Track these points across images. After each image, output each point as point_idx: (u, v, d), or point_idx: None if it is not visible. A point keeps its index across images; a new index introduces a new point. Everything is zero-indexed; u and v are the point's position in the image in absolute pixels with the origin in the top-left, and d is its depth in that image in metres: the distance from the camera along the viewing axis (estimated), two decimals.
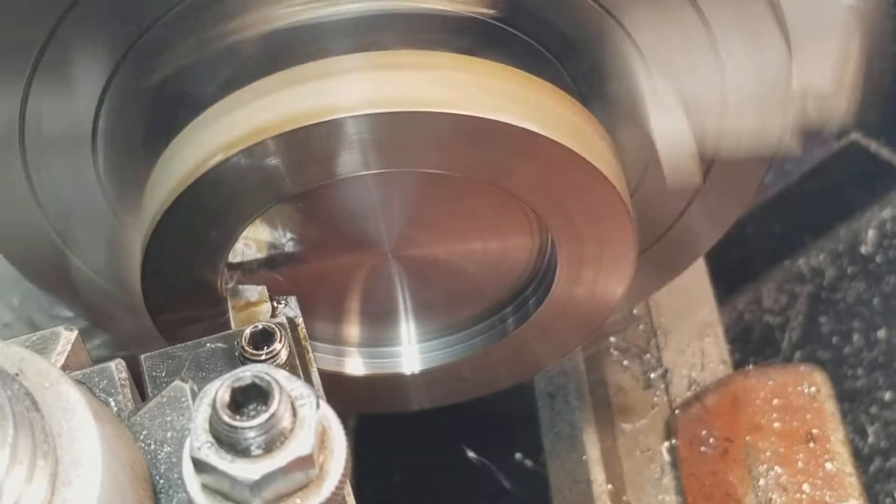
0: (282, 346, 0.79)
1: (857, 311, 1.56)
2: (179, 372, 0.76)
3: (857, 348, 1.53)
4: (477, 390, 1.31)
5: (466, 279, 1.18)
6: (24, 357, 0.62)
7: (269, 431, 0.60)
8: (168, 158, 0.96)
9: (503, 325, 1.23)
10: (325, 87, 0.91)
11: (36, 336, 0.69)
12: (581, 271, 1.10)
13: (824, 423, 1.24)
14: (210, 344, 0.78)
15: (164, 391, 0.70)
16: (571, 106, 0.98)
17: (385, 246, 1.11)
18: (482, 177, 0.98)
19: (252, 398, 0.61)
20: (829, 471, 1.22)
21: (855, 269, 1.60)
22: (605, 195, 1.00)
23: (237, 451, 0.60)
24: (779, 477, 1.22)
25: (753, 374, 1.33)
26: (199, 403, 0.61)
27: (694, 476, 1.30)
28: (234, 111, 0.93)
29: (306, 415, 0.61)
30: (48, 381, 0.61)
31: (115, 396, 0.69)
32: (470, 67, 0.94)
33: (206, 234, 0.98)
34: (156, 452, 0.67)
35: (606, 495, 1.36)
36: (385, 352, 1.26)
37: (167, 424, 0.68)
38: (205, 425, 0.61)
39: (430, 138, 0.93)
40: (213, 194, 0.94)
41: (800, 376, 1.29)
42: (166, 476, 0.66)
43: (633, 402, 1.43)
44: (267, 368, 0.62)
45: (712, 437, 1.28)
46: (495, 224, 1.12)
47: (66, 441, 0.59)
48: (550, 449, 1.44)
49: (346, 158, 0.93)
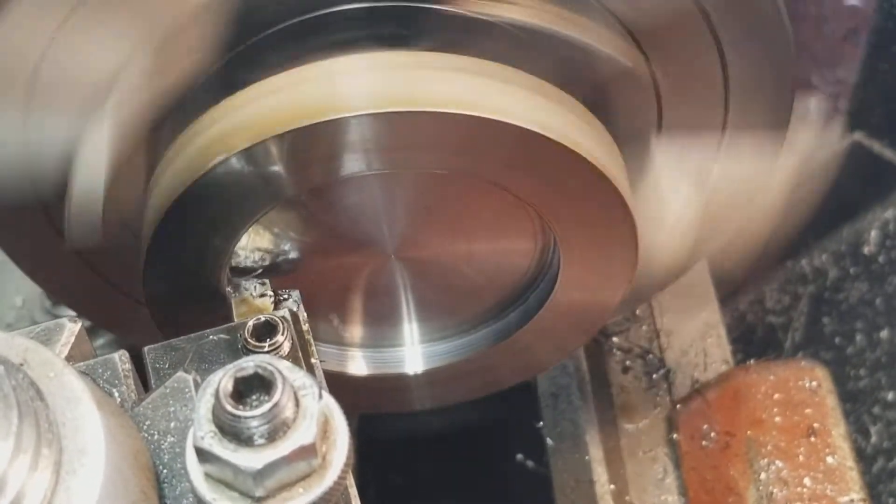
0: (284, 339, 0.79)
1: (859, 311, 1.56)
2: (182, 363, 0.76)
3: (860, 349, 1.53)
4: (479, 390, 1.31)
5: (469, 280, 1.18)
6: (28, 347, 0.62)
7: (271, 421, 0.60)
8: (170, 158, 0.96)
9: (506, 325, 1.23)
10: (327, 87, 0.91)
11: (40, 327, 0.70)
12: (583, 272, 1.10)
13: (825, 418, 1.24)
14: (213, 336, 0.78)
15: (168, 382, 0.70)
16: (574, 107, 0.99)
17: (388, 247, 1.11)
18: (485, 178, 0.99)
19: (255, 388, 0.62)
20: (830, 465, 1.22)
21: (858, 270, 1.59)
22: (608, 196, 1.00)
23: (240, 441, 0.60)
24: (780, 471, 1.22)
25: (754, 369, 1.34)
26: (203, 393, 0.61)
27: (695, 470, 1.30)
28: (236, 111, 0.93)
29: (309, 405, 0.62)
30: (53, 371, 0.61)
31: (118, 387, 0.69)
32: (472, 68, 0.94)
33: (207, 235, 0.99)
34: (159, 442, 0.68)
35: (609, 495, 1.36)
36: (388, 352, 1.26)
37: (170, 415, 0.68)
38: (208, 415, 0.61)
39: (432, 139, 0.93)
40: (215, 194, 0.94)
41: (801, 371, 1.29)
42: (170, 466, 0.67)
43: (635, 403, 1.43)
44: (270, 359, 0.62)
45: (713, 431, 1.28)
46: (498, 225, 1.12)
47: (70, 430, 0.59)
48: (553, 449, 1.44)
49: (349, 159, 0.94)
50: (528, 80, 0.96)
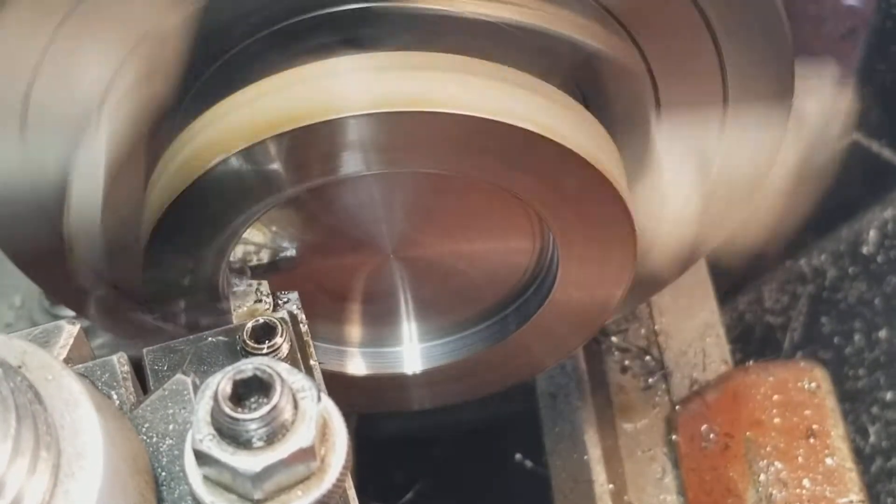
0: (283, 341, 0.79)
1: (858, 311, 1.56)
2: (181, 366, 0.76)
3: (859, 348, 1.53)
4: (478, 390, 1.31)
5: (468, 280, 1.18)
6: (27, 350, 0.62)
7: (270, 424, 0.60)
8: (169, 157, 0.96)
9: (504, 325, 1.23)
10: (326, 86, 0.91)
11: (39, 329, 0.70)
12: (582, 272, 1.10)
13: (824, 419, 1.24)
14: (212, 338, 0.78)
15: (166, 384, 0.70)
16: (572, 107, 0.99)
17: (386, 246, 1.11)
18: (483, 177, 0.98)
19: (254, 391, 0.62)
20: (829, 466, 1.22)
21: (856, 270, 1.59)
22: (606, 196, 1.00)
23: (239, 444, 0.60)
24: (779, 472, 1.22)
25: (754, 371, 1.33)
26: (201, 396, 0.61)
27: (695, 471, 1.30)
28: (235, 110, 0.93)
29: (307, 407, 0.62)
30: (51, 374, 0.61)
31: (117, 390, 0.69)
32: (471, 68, 0.94)
33: (206, 235, 0.99)
34: (158, 445, 0.67)
35: (608, 495, 1.36)
36: (387, 352, 1.26)
37: (169, 417, 0.68)
38: (207, 417, 0.61)
39: (431, 138, 0.93)
40: (215, 194, 0.94)
41: (800, 372, 1.29)
42: (168, 468, 0.67)
43: (634, 402, 1.43)
44: (268, 361, 0.62)
45: (713, 432, 1.28)
46: (496, 225, 1.12)
47: (68, 433, 0.59)
48: (551, 449, 1.44)
49: (348, 158, 0.93)
50: (524, 78, 0.96)
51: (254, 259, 1.08)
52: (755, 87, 1.04)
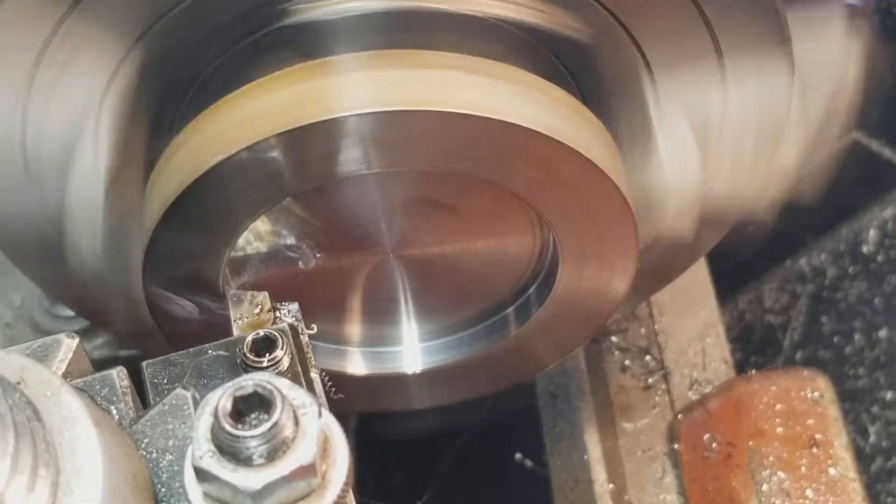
0: (283, 354, 0.78)
1: (858, 310, 1.56)
2: (181, 379, 0.75)
3: (859, 348, 1.54)
4: (478, 390, 1.31)
5: (468, 278, 1.18)
6: (25, 366, 0.62)
7: (271, 440, 0.60)
8: (170, 156, 0.96)
9: (505, 324, 1.22)
10: (328, 85, 0.91)
11: (37, 344, 0.69)
12: (582, 270, 1.10)
13: (827, 429, 1.24)
14: (212, 351, 0.78)
15: (166, 399, 0.69)
16: (571, 103, 0.98)
17: (386, 245, 1.11)
18: (483, 176, 0.98)
19: (254, 407, 0.61)
20: (832, 476, 1.21)
21: (856, 269, 1.60)
22: (607, 193, 1.00)
23: (239, 460, 0.60)
24: (782, 482, 1.22)
25: (756, 379, 1.33)
26: (201, 412, 0.61)
27: (697, 481, 1.30)
28: (237, 109, 0.93)
29: (308, 423, 0.61)
30: (49, 391, 0.61)
31: (116, 404, 0.69)
32: (471, 67, 0.94)
33: (207, 233, 0.98)
34: (157, 461, 0.67)
35: (608, 495, 1.36)
36: (387, 351, 1.26)
37: (169, 433, 0.68)
38: (206, 434, 0.60)
39: (431, 137, 0.93)
40: (215, 193, 0.94)
41: (803, 381, 1.28)
42: (168, 485, 0.66)
43: (634, 402, 1.43)
44: (269, 377, 0.62)
45: (715, 441, 1.28)
46: (497, 223, 1.12)
47: (67, 450, 0.59)
48: (552, 448, 1.44)
49: (348, 157, 0.93)
50: (523, 76, 0.95)
51: (254, 259, 1.08)
52: (746, 34, 1.00)
